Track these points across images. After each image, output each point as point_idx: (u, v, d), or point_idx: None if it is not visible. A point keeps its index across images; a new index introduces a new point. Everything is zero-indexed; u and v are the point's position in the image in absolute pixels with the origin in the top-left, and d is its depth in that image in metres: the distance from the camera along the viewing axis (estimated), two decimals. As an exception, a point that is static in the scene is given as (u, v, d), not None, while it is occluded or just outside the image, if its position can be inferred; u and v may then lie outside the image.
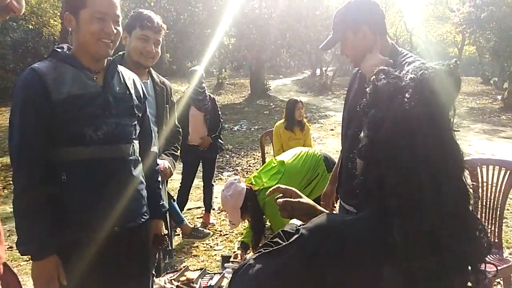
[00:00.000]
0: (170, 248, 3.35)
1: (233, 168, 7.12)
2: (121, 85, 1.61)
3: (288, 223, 1.16)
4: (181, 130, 2.62)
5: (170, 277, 2.78)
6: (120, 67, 1.67)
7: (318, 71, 24.58)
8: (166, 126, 2.35)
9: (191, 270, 2.98)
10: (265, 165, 3.31)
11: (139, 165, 1.67)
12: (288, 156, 3.25)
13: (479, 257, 0.84)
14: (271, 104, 15.79)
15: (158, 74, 2.40)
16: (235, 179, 2.99)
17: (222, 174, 6.55)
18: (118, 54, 2.14)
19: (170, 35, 18.05)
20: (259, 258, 0.91)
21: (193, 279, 2.77)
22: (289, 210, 1.13)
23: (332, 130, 10.49)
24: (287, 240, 0.91)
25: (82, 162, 1.48)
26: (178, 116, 2.61)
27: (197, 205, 5.03)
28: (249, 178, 3.24)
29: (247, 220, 3.20)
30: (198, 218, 4.67)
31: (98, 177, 1.51)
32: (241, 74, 26.48)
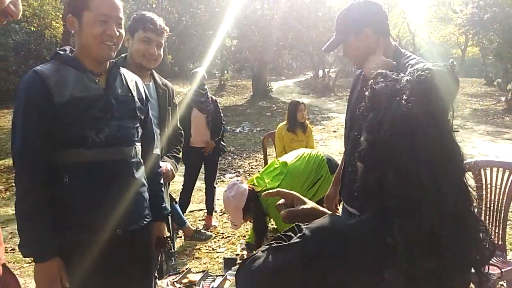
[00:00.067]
0: (172, 250, 3.35)
1: (235, 170, 7.11)
2: (123, 87, 1.61)
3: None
4: (183, 132, 2.62)
5: (173, 279, 2.78)
6: (122, 69, 1.66)
7: (321, 73, 24.56)
8: (168, 128, 2.35)
9: (193, 272, 2.98)
10: (267, 166, 3.30)
11: (141, 167, 1.67)
12: (290, 157, 3.24)
13: (482, 259, 0.83)
14: (273, 105, 15.79)
15: (160, 76, 2.40)
16: (238, 180, 2.99)
17: (224, 176, 6.55)
18: (120, 56, 2.14)
19: (172, 37, 18.11)
20: (266, 251, 0.91)
21: (195, 281, 2.77)
22: (293, 218, 1.13)
23: (334, 131, 10.48)
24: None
25: (85, 164, 1.48)
26: (180, 118, 2.61)
27: (199, 207, 5.03)
28: (251, 179, 3.24)
29: (249, 221, 3.20)
30: (200, 220, 4.67)
31: (100, 179, 1.51)
32: (243, 75, 26.50)
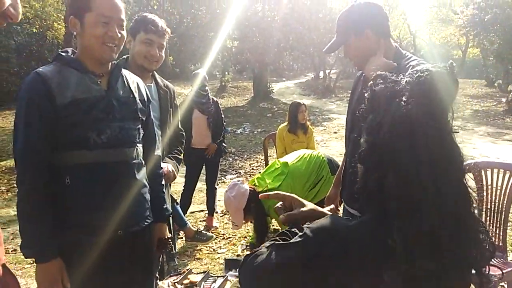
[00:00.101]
0: (173, 251, 3.35)
1: (236, 171, 7.12)
2: (125, 88, 1.62)
3: None
4: (184, 134, 2.62)
5: (174, 280, 2.78)
6: (124, 71, 1.67)
7: (321, 74, 24.57)
8: (170, 130, 2.35)
9: (194, 273, 2.98)
10: (268, 166, 3.30)
11: (143, 168, 1.67)
12: (291, 158, 3.24)
13: (482, 259, 0.83)
14: (274, 107, 15.80)
15: (162, 77, 2.40)
16: (239, 180, 2.99)
17: (225, 177, 6.55)
18: (122, 57, 2.14)
19: (173, 38, 18.14)
20: (270, 247, 0.92)
21: (196, 282, 2.77)
22: (292, 222, 1.12)
23: (335, 133, 10.49)
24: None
25: (86, 165, 1.48)
26: (181, 119, 2.61)
27: (200, 208, 5.03)
28: (252, 179, 3.24)
29: (250, 221, 3.19)
30: (201, 221, 4.67)
31: (101, 180, 1.51)
32: (244, 77, 26.52)
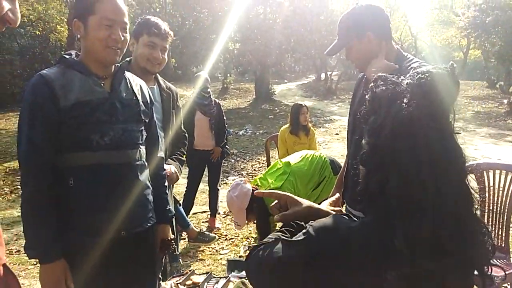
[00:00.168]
0: (176, 252, 3.36)
1: (238, 172, 7.13)
2: (128, 91, 1.63)
3: None
4: (187, 135, 2.63)
5: (176, 281, 2.79)
6: (127, 73, 1.68)
7: (323, 76, 24.58)
8: (172, 131, 2.36)
9: (197, 274, 2.98)
10: (270, 167, 3.30)
11: (146, 170, 1.68)
12: (294, 158, 3.24)
13: (484, 260, 0.84)
14: (276, 108, 15.81)
15: (164, 79, 2.42)
16: (241, 180, 2.99)
17: (227, 179, 6.56)
18: (125, 60, 2.16)
19: (176, 41, 18.13)
20: (276, 242, 0.94)
21: (199, 283, 2.78)
22: (286, 222, 1.11)
23: (337, 134, 10.50)
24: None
25: (89, 167, 1.49)
26: (183, 121, 2.62)
27: (202, 209, 5.04)
28: (255, 180, 3.24)
29: (253, 222, 3.20)
30: (203, 222, 4.68)
31: (105, 182, 1.52)
32: (246, 79, 26.55)
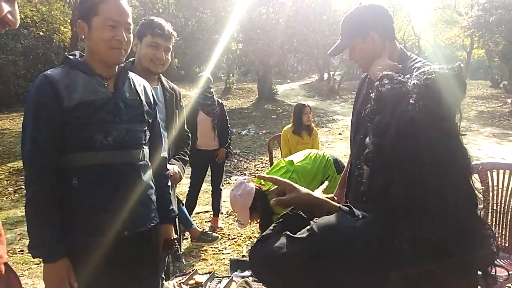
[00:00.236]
0: (179, 252, 3.36)
1: (241, 172, 7.13)
2: (131, 91, 1.63)
3: None
4: (190, 135, 2.63)
5: (179, 280, 2.80)
6: (131, 74, 1.68)
7: (326, 76, 24.55)
8: (175, 131, 2.37)
9: (200, 274, 2.99)
10: (273, 166, 3.30)
11: (149, 170, 1.68)
12: (297, 157, 3.24)
13: (487, 261, 0.84)
14: (279, 108, 15.80)
15: (167, 79, 2.42)
16: (245, 179, 2.98)
17: (230, 178, 6.57)
18: (128, 60, 2.16)
19: (178, 41, 18.15)
20: (281, 236, 0.95)
21: (201, 283, 2.78)
22: (282, 207, 1.18)
23: (340, 134, 10.48)
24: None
25: (93, 167, 1.50)
26: (186, 121, 2.62)
27: (205, 209, 5.05)
28: (258, 179, 3.24)
29: (256, 221, 3.19)
30: (206, 222, 4.69)
31: (108, 182, 1.52)
32: (248, 79, 26.58)
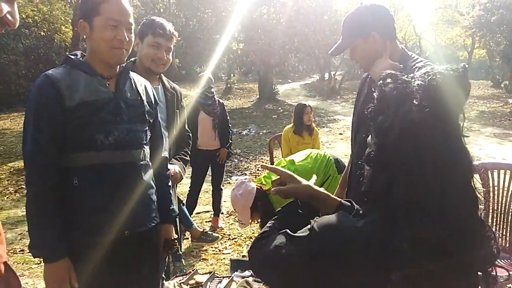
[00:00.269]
0: (179, 251, 3.36)
1: (241, 172, 7.13)
2: (132, 91, 1.63)
3: None
4: (191, 135, 2.63)
5: (180, 280, 2.80)
6: (132, 74, 1.68)
7: (327, 75, 24.55)
8: (176, 131, 2.37)
9: (200, 274, 2.99)
10: (275, 165, 3.30)
11: (150, 170, 1.69)
12: (298, 156, 3.24)
13: (488, 261, 0.84)
14: (280, 108, 15.80)
15: (168, 79, 2.42)
16: (245, 179, 2.98)
17: (230, 178, 6.57)
18: (129, 60, 2.16)
19: (179, 41, 18.11)
20: (280, 235, 0.96)
21: (202, 283, 2.78)
22: (282, 196, 1.24)
23: (341, 134, 10.48)
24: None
25: (94, 167, 1.50)
26: (187, 120, 2.62)
27: (206, 209, 5.05)
28: (259, 178, 3.24)
29: (257, 221, 3.19)
30: (207, 222, 4.69)
31: (109, 182, 1.52)
32: (249, 78, 26.58)
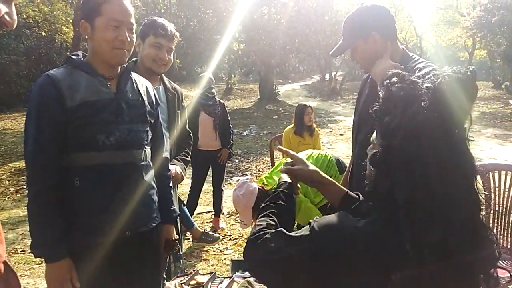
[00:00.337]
0: (180, 252, 3.36)
1: (242, 172, 7.13)
2: (134, 91, 1.63)
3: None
4: (192, 135, 2.63)
5: (181, 281, 2.80)
6: (133, 74, 1.68)
7: (327, 76, 24.56)
8: (177, 132, 2.37)
9: (201, 274, 2.99)
10: (276, 165, 3.29)
11: (151, 170, 1.69)
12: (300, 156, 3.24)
13: (489, 263, 0.83)
14: (280, 109, 15.80)
15: (169, 80, 2.42)
16: (247, 179, 2.98)
17: (231, 179, 6.57)
18: (131, 60, 2.16)
19: (180, 41, 18.09)
20: (276, 234, 0.96)
21: (203, 283, 2.78)
22: (289, 175, 1.29)
23: (341, 134, 10.48)
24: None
25: (95, 167, 1.50)
26: (187, 121, 2.62)
27: (206, 209, 5.05)
28: (260, 178, 3.23)
29: None
30: (207, 222, 4.69)
31: (110, 182, 1.52)
32: (250, 79, 26.60)
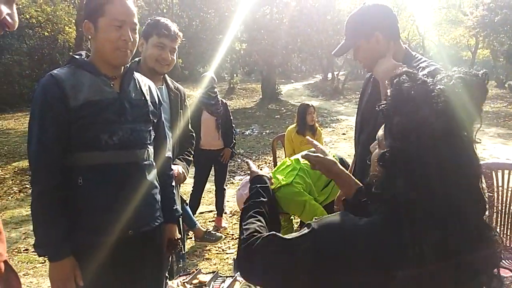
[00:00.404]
0: (182, 251, 3.37)
1: (244, 172, 7.14)
2: (137, 91, 1.64)
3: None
4: (194, 135, 2.63)
5: (183, 280, 2.80)
6: (136, 74, 1.69)
7: (330, 75, 24.56)
8: (180, 131, 2.37)
9: (204, 273, 2.99)
10: (279, 165, 3.29)
11: (154, 170, 1.69)
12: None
13: (492, 263, 0.83)
14: (283, 108, 15.80)
15: (172, 79, 2.43)
16: None
17: (233, 178, 6.58)
18: (134, 60, 2.16)
19: (182, 41, 18.12)
20: (270, 239, 0.96)
21: (205, 282, 2.78)
22: (308, 161, 1.35)
23: (344, 134, 10.47)
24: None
25: (98, 166, 1.51)
26: (190, 120, 2.63)
27: (209, 208, 5.06)
28: None
29: None
30: (210, 221, 4.70)
31: (113, 181, 1.53)
32: (252, 79, 26.62)
